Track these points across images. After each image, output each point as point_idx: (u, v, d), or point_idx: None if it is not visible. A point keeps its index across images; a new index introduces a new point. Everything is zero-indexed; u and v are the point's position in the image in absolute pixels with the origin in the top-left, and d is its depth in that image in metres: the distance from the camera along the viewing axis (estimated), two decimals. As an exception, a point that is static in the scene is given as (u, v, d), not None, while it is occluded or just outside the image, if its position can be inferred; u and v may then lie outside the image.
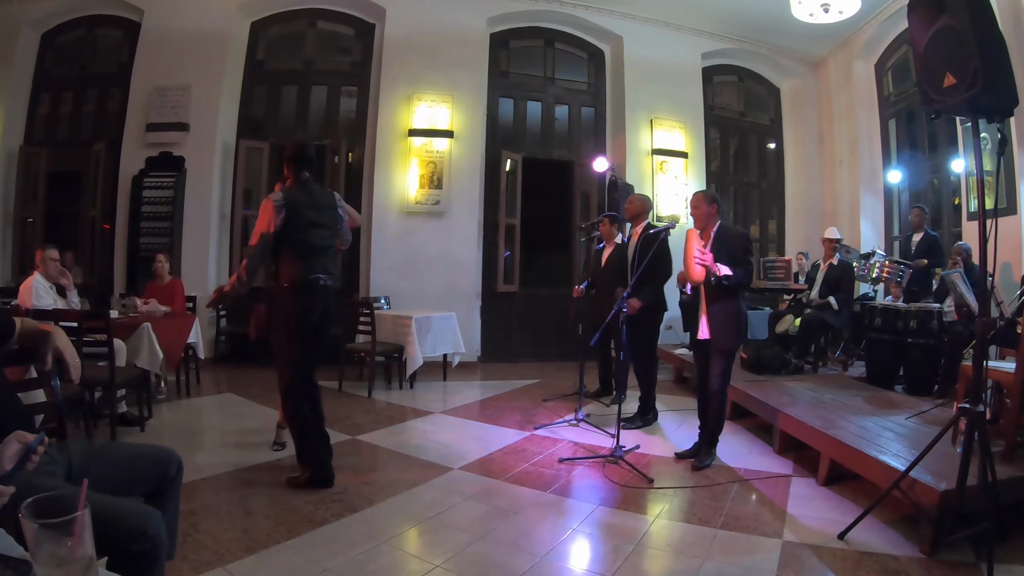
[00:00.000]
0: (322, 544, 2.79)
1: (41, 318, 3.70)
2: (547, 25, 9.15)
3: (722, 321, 4.01)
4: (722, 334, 4.02)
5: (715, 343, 4.04)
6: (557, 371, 7.60)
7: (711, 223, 4.11)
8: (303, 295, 3.57)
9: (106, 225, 8.18)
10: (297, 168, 3.71)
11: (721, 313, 4.01)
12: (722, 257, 3.91)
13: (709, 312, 4.05)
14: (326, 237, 3.72)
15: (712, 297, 4.02)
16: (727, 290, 3.96)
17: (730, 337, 4.04)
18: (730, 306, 4.01)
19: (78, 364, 1.90)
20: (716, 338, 4.03)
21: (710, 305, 4.05)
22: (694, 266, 3.95)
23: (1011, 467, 3.05)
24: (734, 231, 4.22)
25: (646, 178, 9.00)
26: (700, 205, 4.14)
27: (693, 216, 4.22)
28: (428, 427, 5.12)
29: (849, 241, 8.32)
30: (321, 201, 3.72)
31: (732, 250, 3.98)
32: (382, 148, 8.24)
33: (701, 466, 4.02)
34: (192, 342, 5.89)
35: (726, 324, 4.01)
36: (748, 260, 4.05)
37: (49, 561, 0.95)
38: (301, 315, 3.55)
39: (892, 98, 8.92)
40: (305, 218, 3.59)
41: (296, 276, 3.57)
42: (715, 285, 3.92)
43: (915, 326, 5.23)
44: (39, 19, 8.42)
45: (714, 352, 4.06)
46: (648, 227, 5.13)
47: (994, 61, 2.60)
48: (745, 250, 4.05)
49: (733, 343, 4.09)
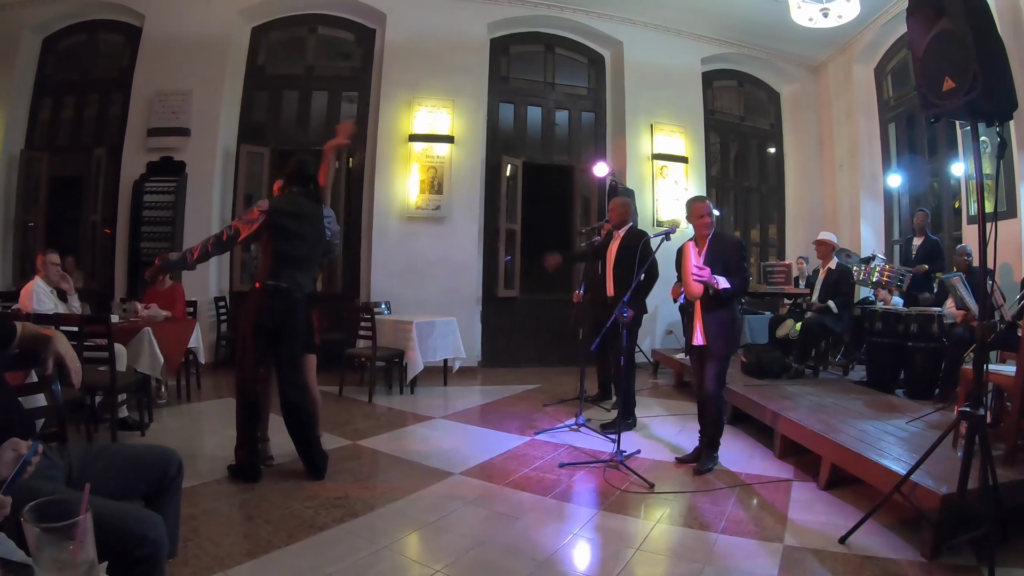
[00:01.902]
0: (323, 549, 2.79)
1: (42, 322, 3.72)
2: (547, 30, 9.16)
3: (716, 328, 4.06)
4: (717, 340, 4.07)
5: (712, 348, 4.08)
6: (558, 376, 7.60)
7: (709, 231, 4.13)
8: (262, 299, 3.71)
9: (107, 230, 8.19)
10: (289, 182, 3.93)
11: (716, 320, 4.06)
12: (717, 265, 3.94)
13: (704, 319, 4.09)
14: (303, 248, 3.81)
15: (707, 305, 4.07)
16: (722, 298, 3.99)
17: (725, 343, 4.10)
18: (725, 313, 4.07)
19: (79, 368, 1.90)
20: (711, 344, 4.08)
21: (705, 312, 4.09)
22: (692, 282, 3.97)
23: (1012, 470, 3.05)
24: (729, 239, 4.23)
25: (646, 183, 9.01)
26: (706, 213, 4.11)
27: (699, 224, 4.14)
28: (429, 432, 5.12)
29: (849, 245, 8.33)
30: (305, 211, 3.83)
31: (728, 259, 4.01)
32: (383, 153, 8.25)
33: (703, 470, 4.02)
34: (193, 347, 5.88)
35: (720, 331, 4.06)
36: (744, 268, 4.07)
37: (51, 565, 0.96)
38: (255, 317, 3.70)
39: (892, 102, 8.94)
40: (284, 227, 3.73)
41: (263, 280, 3.73)
42: (711, 295, 3.96)
43: (915, 330, 5.23)
44: (41, 24, 8.44)
45: (708, 357, 4.10)
46: (633, 229, 5.15)
47: (993, 65, 2.61)
48: (741, 258, 4.07)
49: (728, 348, 4.15)
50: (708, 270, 3.89)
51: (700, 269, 3.90)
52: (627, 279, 4.67)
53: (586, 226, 7.82)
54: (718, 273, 3.93)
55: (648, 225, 8.59)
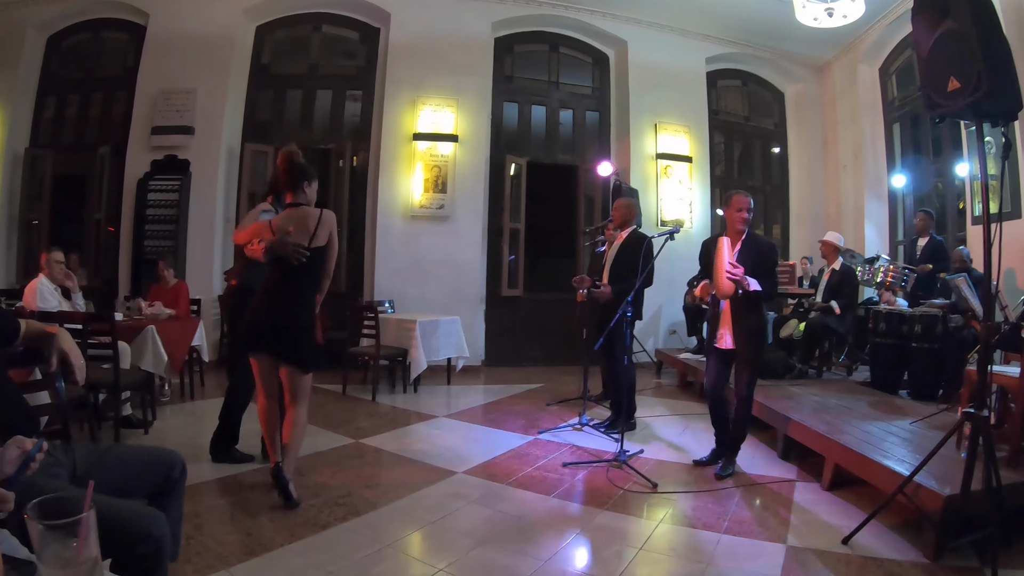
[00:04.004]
0: (326, 547, 2.79)
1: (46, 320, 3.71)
2: (552, 30, 9.16)
3: (747, 332, 3.92)
4: (748, 345, 3.93)
5: (741, 354, 3.96)
6: (561, 375, 7.60)
7: (745, 227, 3.97)
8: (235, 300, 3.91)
9: (111, 228, 8.21)
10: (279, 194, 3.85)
11: (747, 324, 3.91)
12: (748, 266, 3.78)
13: (735, 323, 3.95)
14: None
15: (738, 308, 3.93)
16: (753, 302, 3.89)
17: (757, 348, 4.00)
18: (757, 317, 3.97)
19: (83, 366, 1.91)
20: (742, 349, 3.94)
21: (736, 316, 3.94)
22: (724, 279, 3.79)
23: (1015, 472, 3.04)
24: (764, 242, 4.07)
25: (650, 182, 9.00)
26: (746, 208, 3.93)
27: (736, 218, 3.94)
28: (432, 431, 5.13)
29: (853, 246, 8.30)
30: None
31: (761, 262, 3.87)
32: (387, 152, 8.26)
33: (724, 475, 3.93)
34: (196, 345, 5.91)
35: (752, 335, 3.94)
36: (775, 273, 3.96)
37: (54, 562, 0.96)
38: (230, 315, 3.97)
39: (896, 102, 8.91)
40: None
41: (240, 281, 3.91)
42: (742, 297, 3.83)
43: (919, 331, 5.21)
44: (45, 22, 8.47)
45: (741, 363, 3.97)
46: (636, 233, 5.13)
47: (998, 65, 2.60)
48: (774, 263, 3.97)
49: (759, 353, 4.05)
50: (742, 269, 3.73)
51: (735, 267, 3.72)
52: (624, 280, 4.69)
53: (590, 226, 7.81)
54: (749, 274, 3.76)
55: (652, 225, 8.60)
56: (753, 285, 3.73)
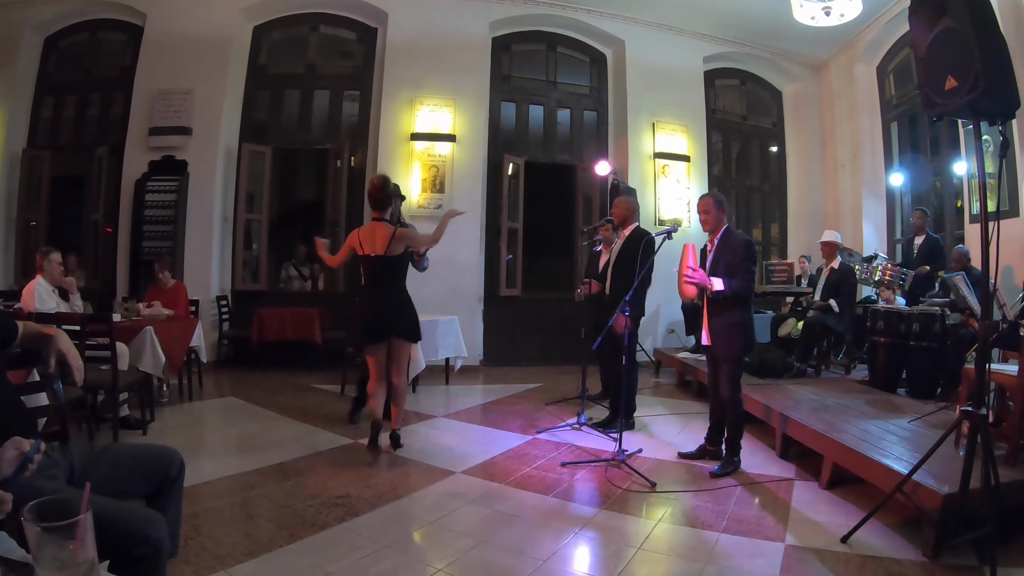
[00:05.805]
0: (324, 548, 2.79)
1: (44, 321, 3.72)
2: (549, 29, 9.15)
3: (722, 329, 3.98)
4: (722, 342, 4.00)
5: (716, 351, 4.04)
6: (559, 375, 7.60)
7: (720, 226, 4.08)
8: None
9: (109, 228, 8.19)
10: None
11: (722, 321, 3.98)
12: (722, 264, 3.89)
13: (710, 321, 4.03)
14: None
15: (713, 306, 3.99)
16: (729, 298, 3.91)
17: (731, 345, 4.00)
18: (732, 315, 3.97)
19: (81, 367, 1.91)
20: (716, 346, 4.02)
21: (712, 314, 4.02)
22: (684, 283, 3.93)
23: (1014, 470, 3.05)
24: (737, 238, 4.10)
25: (648, 182, 9.00)
26: (711, 209, 4.07)
27: (704, 221, 4.12)
28: (430, 431, 5.13)
29: (851, 244, 8.31)
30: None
31: (730, 260, 3.94)
32: (384, 152, 8.25)
33: (722, 473, 3.94)
34: (195, 346, 5.89)
35: (726, 332, 3.98)
36: (748, 268, 3.95)
37: (51, 564, 0.96)
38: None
39: (894, 101, 8.92)
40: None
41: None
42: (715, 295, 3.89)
43: (917, 329, 5.21)
44: (43, 23, 8.45)
45: (719, 361, 4.06)
46: (638, 230, 5.12)
47: (995, 63, 2.60)
48: (743, 259, 3.96)
49: (734, 351, 4.03)
50: (701, 272, 3.86)
51: (693, 271, 3.86)
52: (626, 278, 4.68)
53: (588, 225, 7.81)
54: (722, 272, 3.88)
55: (650, 224, 8.58)
56: (716, 285, 3.83)
